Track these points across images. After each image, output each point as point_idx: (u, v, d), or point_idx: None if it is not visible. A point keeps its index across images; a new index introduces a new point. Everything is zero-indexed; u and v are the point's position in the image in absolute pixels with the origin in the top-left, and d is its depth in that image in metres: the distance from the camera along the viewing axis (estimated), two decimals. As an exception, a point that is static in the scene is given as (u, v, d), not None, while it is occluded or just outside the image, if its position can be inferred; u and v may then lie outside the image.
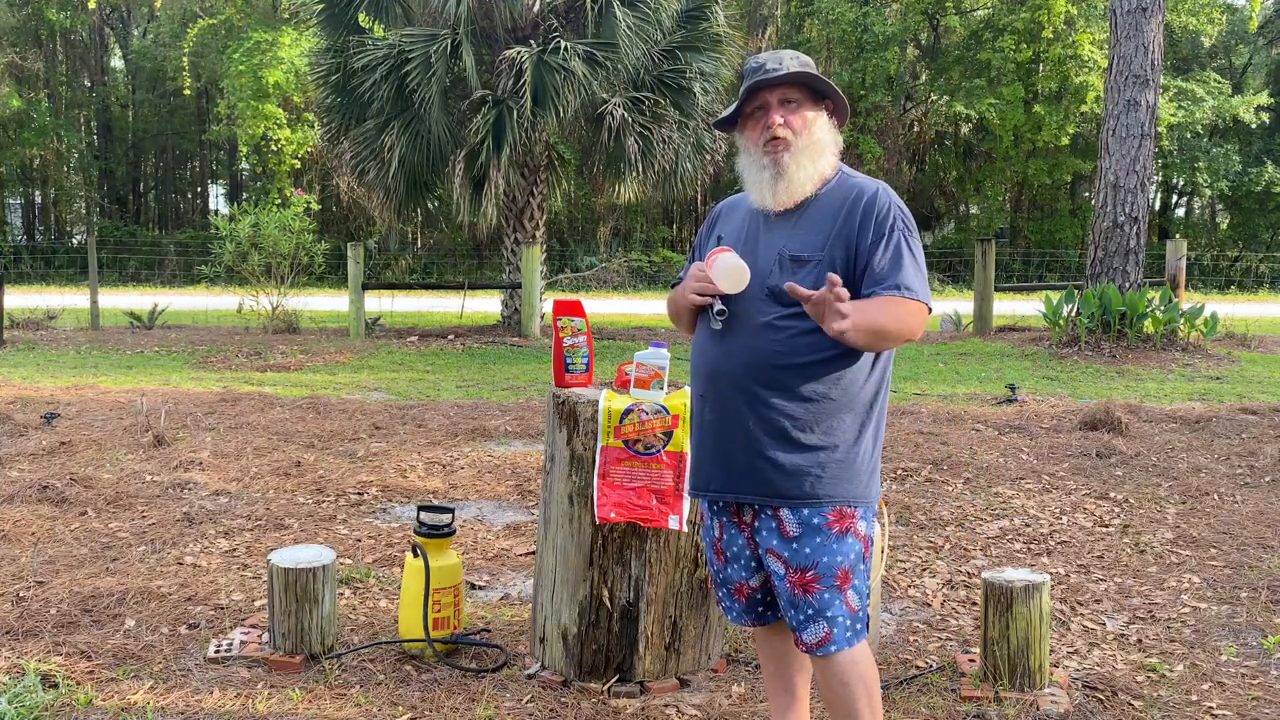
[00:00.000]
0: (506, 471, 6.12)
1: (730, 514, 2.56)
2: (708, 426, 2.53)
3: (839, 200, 2.47)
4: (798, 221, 2.48)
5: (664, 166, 14.03)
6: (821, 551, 2.42)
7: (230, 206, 25.91)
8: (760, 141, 2.49)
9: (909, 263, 2.40)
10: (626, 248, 29.01)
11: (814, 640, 2.45)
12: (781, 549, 2.44)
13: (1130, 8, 12.41)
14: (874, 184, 2.48)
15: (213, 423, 7.41)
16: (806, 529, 2.42)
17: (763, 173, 2.48)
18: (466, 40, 13.06)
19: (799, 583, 2.43)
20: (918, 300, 2.38)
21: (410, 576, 3.47)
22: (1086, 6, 25.83)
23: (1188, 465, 6.34)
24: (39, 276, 25.70)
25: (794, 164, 2.45)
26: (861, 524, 2.47)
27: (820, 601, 2.43)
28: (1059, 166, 27.62)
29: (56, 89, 31.49)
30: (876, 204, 2.43)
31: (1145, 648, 3.71)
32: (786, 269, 2.44)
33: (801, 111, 2.48)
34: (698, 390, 2.58)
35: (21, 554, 4.50)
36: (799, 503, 2.42)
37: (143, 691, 3.19)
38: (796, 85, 2.48)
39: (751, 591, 2.61)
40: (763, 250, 2.49)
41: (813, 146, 2.47)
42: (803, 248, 2.44)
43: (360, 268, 14.32)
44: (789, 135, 2.46)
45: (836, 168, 2.54)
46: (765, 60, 2.50)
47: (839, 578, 2.43)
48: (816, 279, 2.38)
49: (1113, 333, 12.16)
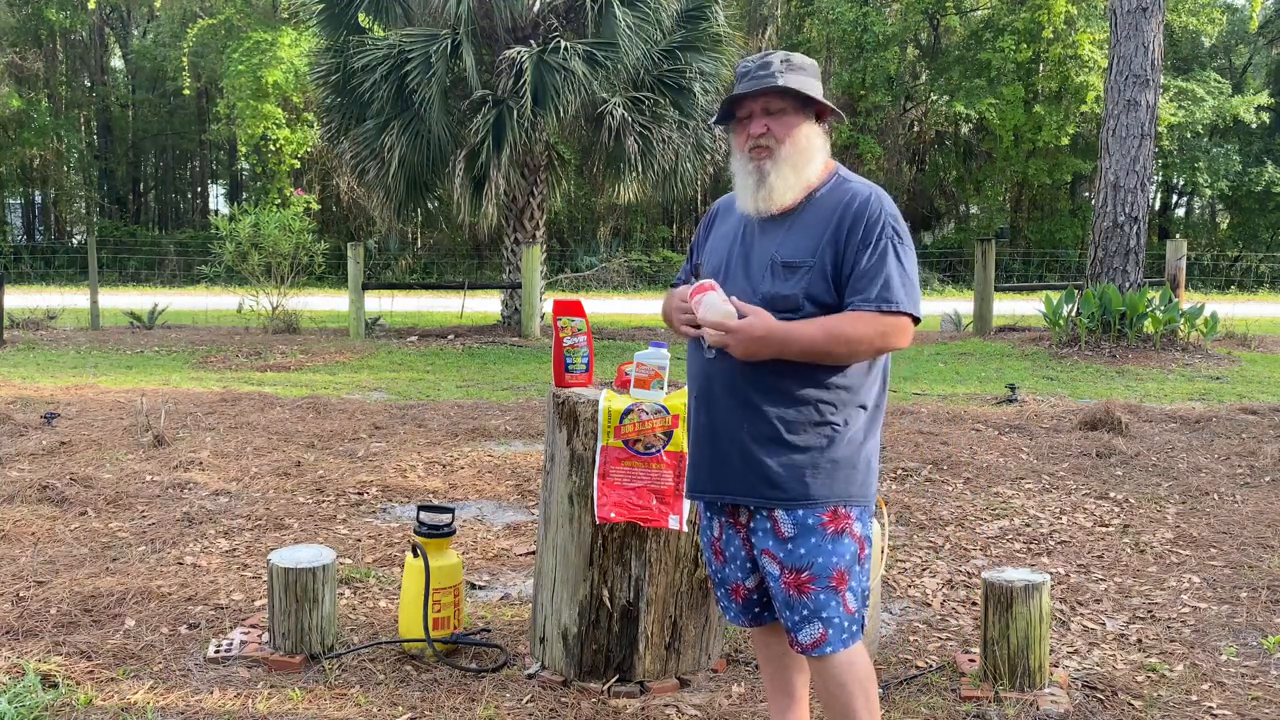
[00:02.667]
0: (506, 471, 6.12)
1: (727, 514, 2.56)
2: (702, 429, 2.53)
3: (833, 205, 2.44)
4: (791, 227, 2.46)
5: (664, 166, 14.03)
6: (816, 552, 2.41)
7: (230, 206, 25.93)
8: (746, 148, 2.48)
9: (894, 271, 2.37)
10: (626, 248, 29.00)
11: (809, 641, 2.44)
12: (776, 550, 2.43)
13: (1130, 8, 12.42)
14: (868, 189, 2.46)
15: (213, 423, 7.41)
16: (801, 530, 2.41)
17: (747, 179, 2.48)
18: (466, 40, 13.06)
19: (794, 583, 2.42)
20: (898, 312, 2.35)
21: (410, 576, 3.47)
22: (1086, 6, 25.84)
23: (1188, 465, 6.33)
24: (39, 276, 25.70)
25: (775, 172, 2.44)
26: (858, 524, 2.46)
27: (815, 602, 2.42)
28: (1059, 166, 27.63)
29: (56, 89, 31.49)
30: (868, 209, 2.40)
31: (1145, 648, 3.71)
32: (778, 275, 2.42)
33: (786, 119, 2.45)
34: (693, 393, 2.58)
35: (21, 554, 4.50)
36: (793, 503, 2.41)
37: (143, 691, 3.19)
38: (781, 93, 2.45)
39: (748, 593, 2.61)
40: (756, 255, 2.49)
41: (796, 155, 2.44)
42: (794, 254, 2.42)
43: (360, 268, 14.32)
44: (772, 144, 2.44)
45: (832, 171, 2.51)
46: (754, 66, 2.47)
47: (834, 579, 2.42)
48: (808, 285, 2.38)
49: (1113, 333, 12.16)
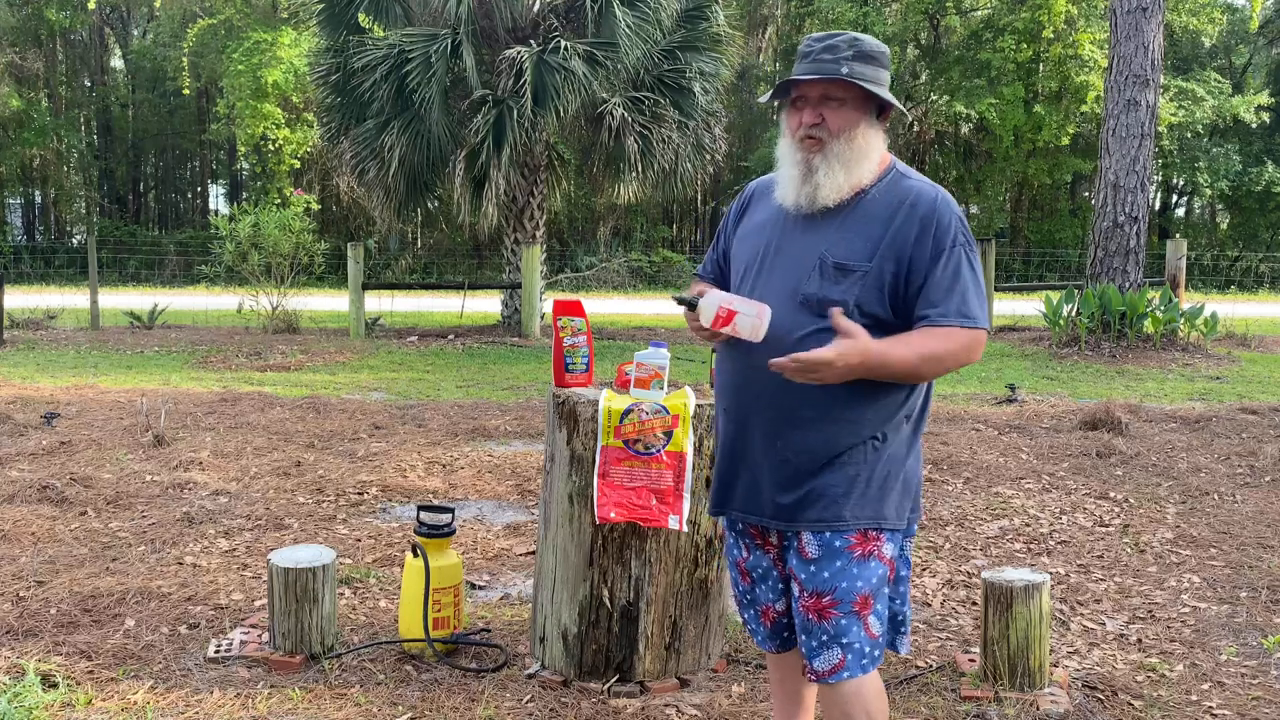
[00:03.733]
0: (506, 471, 6.12)
1: (753, 534, 2.42)
2: (732, 444, 2.36)
3: (893, 204, 2.22)
4: (843, 223, 2.23)
5: (664, 166, 14.03)
6: (841, 576, 2.25)
7: (230, 206, 25.91)
8: (796, 135, 2.26)
9: (969, 285, 2.20)
10: (626, 248, 29.01)
11: (825, 668, 2.28)
12: (800, 571, 2.29)
13: (1130, 8, 12.42)
14: (933, 190, 2.25)
15: (213, 423, 7.41)
16: (827, 552, 2.25)
17: (793, 169, 2.26)
18: (467, 40, 13.06)
19: (814, 608, 2.27)
20: (976, 328, 2.21)
21: (410, 576, 3.47)
22: (1086, 6, 25.84)
23: (1188, 465, 6.33)
24: (39, 276, 25.69)
25: (824, 168, 2.22)
26: (888, 546, 2.30)
27: (836, 628, 2.26)
28: (1059, 166, 27.64)
29: (56, 89, 31.49)
30: (936, 214, 2.19)
31: (1145, 648, 3.71)
32: (828, 276, 2.19)
33: (844, 112, 2.22)
34: (721, 404, 2.41)
35: (21, 554, 4.49)
36: (820, 524, 2.25)
37: (143, 691, 3.19)
38: (844, 85, 2.21)
39: (778, 615, 2.47)
40: (799, 251, 2.26)
41: (850, 154, 2.22)
42: (849, 255, 2.19)
43: (360, 268, 14.32)
44: (824, 136, 2.22)
45: (888, 165, 2.30)
46: (818, 46, 2.22)
47: (858, 603, 2.26)
48: (860, 293, 2.18)
49: (1113, 332, 12.16)
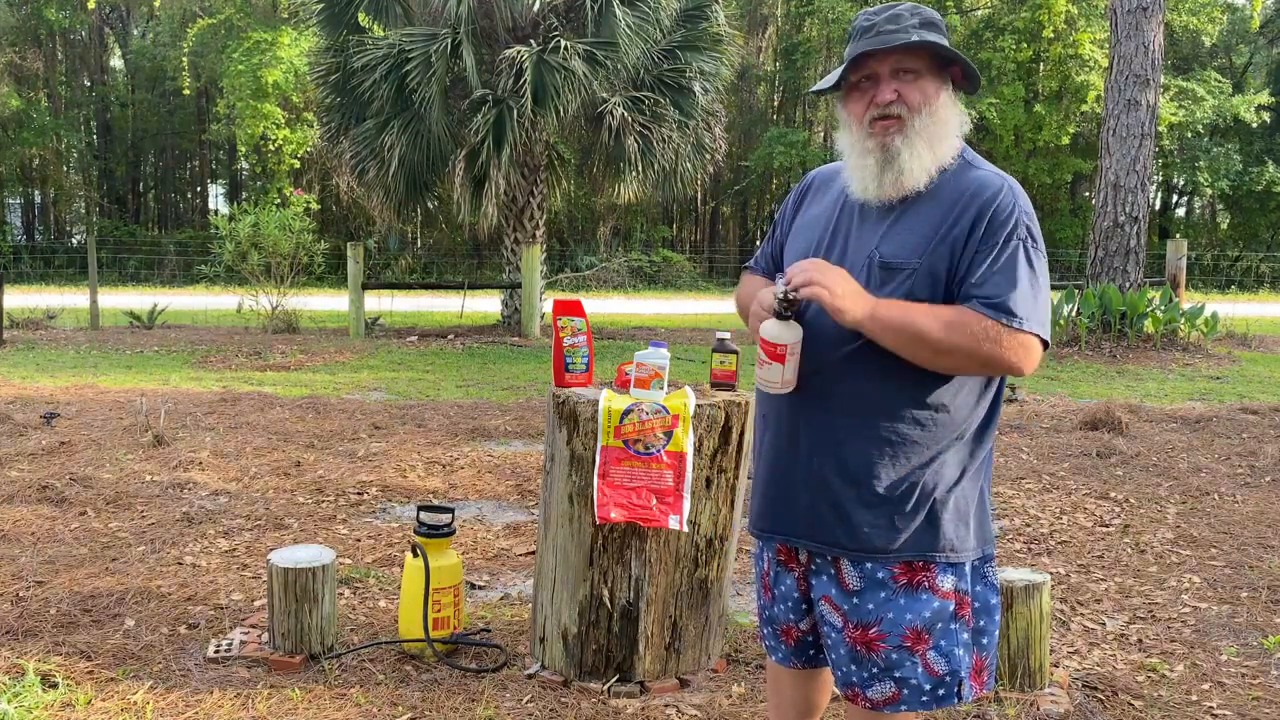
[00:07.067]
0: (506, 471, 6.12)
1: (778, 550, 2.22)
2: (770, 456, 2.15)
3: (955, 194, 1.98)
4: (899, 218, 2.01)
5: (664, 166, 14.05)
6: (886, 607, 2.04)
7: (230, 206, 25.91)
8: (866, 119, 2.01)
9: (1024, 281, 1.91)
10: (626, 248, 29.02)
11: (880, 698, 2.06)
12: (840, 601, 2.08)
13: (1130, 7, 12.43)
14: (1000, 179, 1.99)
15: (213, 423, 7.41)
16: (869, 583, 2.05)
17: (866, 158, 2.01)
18: (466, 40, 13.06)
19: (861, 640, 2.06)
20: (1023, 331, 1.89)
21: (410, 576, 3.47)
22: (1087, 6, 25.87)
23: (1188, 465, 6.33)
24: (39, 276, 25.71)
25: (907, 149, 1.97)
26: (947, 579, 2.04)
27: (888, 661, 2.04)
28: (1059, 166, 27.67)
29: (56, 89, 31.51)
30: (997, 202, 1.95)
31: (1145, 648, 3.70)
32: (874, 277, 1.98)
33: (921, 83, 1.99)
34: (761, 410, 2.18)
35: (21, 554, 4.49)
36: (859, 554, 2.04)
37: (143, 691, 3.19)
38: (916, 52, 1.99)
39: (801, 635, 2.25)
40: (852, 249, 2.04)
41: (933, 127, 1.98)
42: (897, 253, 1.98)
43: (360, 267, 14.33)
44: (903, 113, 1.98)
45: (959, 151, 2.04)
46: (879, 19, 1.99)
47: (908, 638, 2.02)
48: (907, 294, 1.95)
49: (1113, 332, 12.17)
